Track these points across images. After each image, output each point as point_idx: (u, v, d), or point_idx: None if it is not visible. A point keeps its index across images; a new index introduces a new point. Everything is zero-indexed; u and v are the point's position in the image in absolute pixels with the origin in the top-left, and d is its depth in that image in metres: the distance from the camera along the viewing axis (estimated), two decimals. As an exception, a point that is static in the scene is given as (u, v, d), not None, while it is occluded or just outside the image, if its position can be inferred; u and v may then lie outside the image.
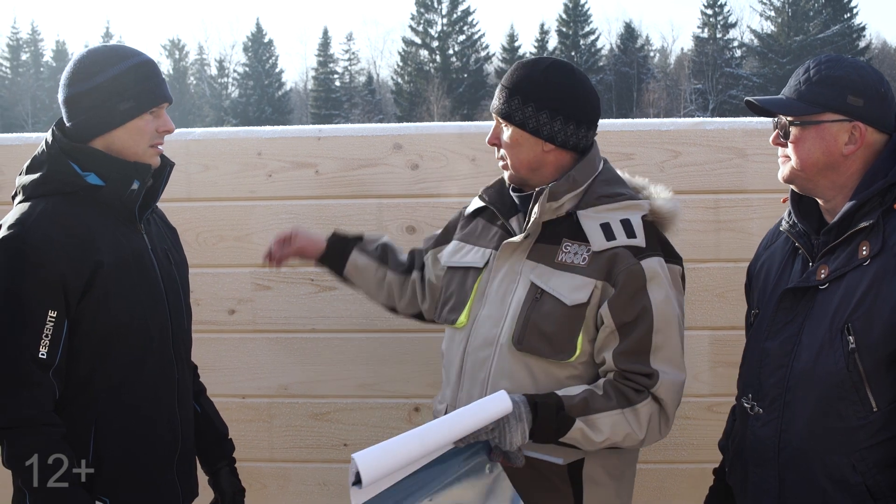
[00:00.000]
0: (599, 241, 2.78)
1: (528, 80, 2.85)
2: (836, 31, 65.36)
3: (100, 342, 2.76)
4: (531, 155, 2.86)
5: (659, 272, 2.78)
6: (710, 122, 3.81)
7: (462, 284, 3.01)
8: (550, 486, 2.82)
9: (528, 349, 2.78)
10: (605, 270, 2.76)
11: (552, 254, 2.83)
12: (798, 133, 2.56)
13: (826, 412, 2.47)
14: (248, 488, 3.95)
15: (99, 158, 2.79)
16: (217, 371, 3.94)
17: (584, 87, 2.90)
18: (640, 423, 2.73)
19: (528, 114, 2.83)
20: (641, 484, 3.80)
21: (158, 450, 2.91)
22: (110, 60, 2.80)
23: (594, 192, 2.87)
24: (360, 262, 3.33)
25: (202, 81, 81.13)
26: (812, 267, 2.56)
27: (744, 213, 3.71)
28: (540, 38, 74.18)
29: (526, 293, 2.82)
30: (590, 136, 2.91)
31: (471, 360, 2.90)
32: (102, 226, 2.79)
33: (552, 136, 2.83)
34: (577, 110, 2.85)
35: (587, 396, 2.70)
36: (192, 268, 3.83)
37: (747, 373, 2.73)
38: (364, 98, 75.46)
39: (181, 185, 3.88)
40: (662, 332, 2.74)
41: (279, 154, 3.89)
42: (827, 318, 2.48)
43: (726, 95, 65.81)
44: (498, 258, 2.92)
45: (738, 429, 2.78)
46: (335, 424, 3.95)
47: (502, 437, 2.59)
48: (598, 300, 2.76)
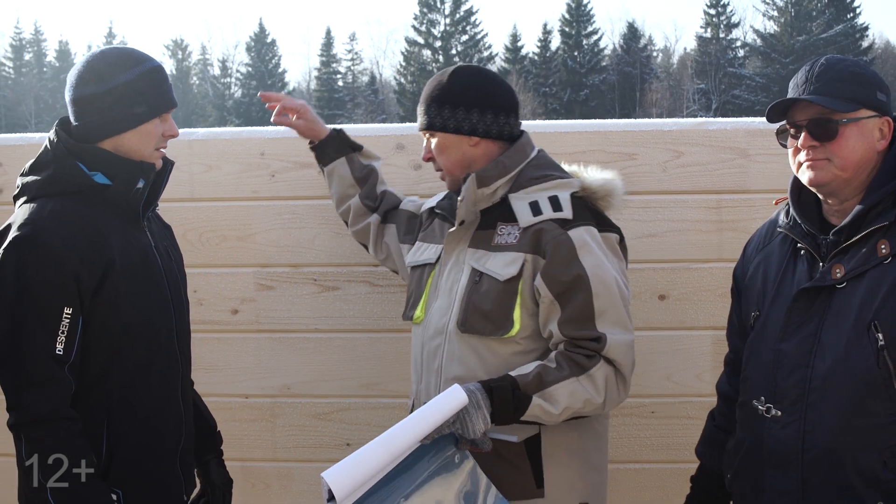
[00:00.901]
0: (527, 217, 2.90)
1: (438, 88, 3.02)
2: (839, 31, 65.33)
3: (111, 340, 2.78)
4: (459, 153, 3.02)
5: (587, 240, 2.86)
6: (712, 122, 3.82)
7: (419, 282, 3.16)
8: (509, 465, 2.89)
9: (471, 330, 2.90)
10: (534, 243, 2.87)
11: (489, 238, 2.96)
12: (843, 130, 2.53)
13: (855, 410, 2.45)
14: (251, 488, 3.97)
15: (107, 158, 2.82)
16: (220, 371, 3.95)
17: (492, 80, 3.05)
18: (596, 387, 2.79)
19: (446, 116, 2.99)
20: (643, 484, 3.82)
21: (166, 444, 2.95)
22: (125, 64, 2.84)
23: (525, 176, 2.99)
24: (342, 171, 3.51)
25: (205, 81, 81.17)
26: (824, 267, 2.55)
27: (746, 213, 3.71)
28: (543, 37, 74.10)
29: (468, 278, 2.95)
30: (511, 122, 3.03)
31: (426, 350, 3.05)
32: (111, 225, 2.81)
33: (473, 128, 2.98)
34: (490, 100, 2.99)
35: (540, 371, 2.77)
36: (195, 268, 3.84)
37: (757, 375, 2.69)
38: (367, 98, 75.47)
39: (184, 185, 3.89)
40: (602, 296, 2.81)
41: (282, 154, 3.89)
42: (850, 316, 2.47)
43: (729, 95, 65.79)
44: (445, 251, 3.07)
45: (745, 433, 2.74)
46: (338, 424, 3.95)
47: (465, 428, 2.66)
48: (530, 272, 2.86)
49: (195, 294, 3.90)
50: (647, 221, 3.75)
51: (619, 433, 3.81)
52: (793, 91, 2.63)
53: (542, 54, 73.15)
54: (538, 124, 3.83)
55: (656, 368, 3.78)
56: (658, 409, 3.81)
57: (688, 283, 3.75)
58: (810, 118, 2.56)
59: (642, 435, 3.83)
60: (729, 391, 2.98)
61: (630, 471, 3.84)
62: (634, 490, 3.84)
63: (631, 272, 3.72)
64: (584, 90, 69.99)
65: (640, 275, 3.73)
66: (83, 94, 2.82)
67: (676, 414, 3.75)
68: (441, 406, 2.62)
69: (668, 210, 3.75)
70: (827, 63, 2.59)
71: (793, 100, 2.59)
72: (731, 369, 2.99)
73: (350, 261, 3.86)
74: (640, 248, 3.71)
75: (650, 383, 3.78)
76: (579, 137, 3.77)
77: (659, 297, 3.76)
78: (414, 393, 3.13)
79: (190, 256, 3.88)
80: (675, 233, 3.75)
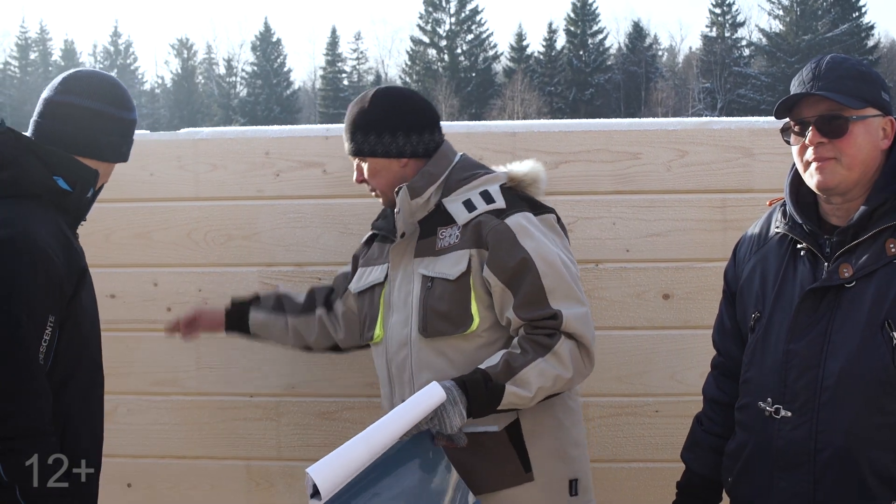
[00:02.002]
0: (463, 215, 3.00)
1: (360, 115, 3.11)
2: (845, 30, 65.29)
3: (76, 348, 2.72)
4: (391, 175, 3.12)
5: (525, 224, 2.96)
6: (716, 121, 3.81)
7: (371, 303, 3.21)
8: (495, 455, 2.96)
9: (434, 333, 2.98)
10: (475, 237, 2.96)
11: (432, 244, 3.05)
12: (852, 127, 2.51)
13: (869, 409, 2.44)
14: (256, 486, 3.98)
15: (65, 161, 2.75)
16: (224, 370, 3.96)
17: (410, 101, 3.16)
18: (563, 363, 2.86)
19: (372, 142, 3.09)
20: (647, 483, 3.82)
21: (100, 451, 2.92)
22: (131, 104, 2.91)
23: (453, 179, 3.09)
24: (260, 318, 3.54)
25: (210, 81, 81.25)
26: (830, 266, 2.53)
27: (751, 212, 3.70)
28: (548, 37, 74.11)
29: (420, 286, 3.02)
30: (435, 137, 3.15)
31: (394, 365, 3.11)
32: (71, 231, 2.78)
33: (401, 151, 3.09)
34: (411, 121, 3.09)
35: (507, 359, 2.85)
36: (200, 267, 3.86)
37: (762, 377, 2.65)
38: (372, 97, 75.35)
39: (189, 185, 3.90)
40: (549, 274, 2.90)
41: (287, 153, 3.90)
42: (861, 315, 2.46)
43: (735, 94, 65.80)
44: (391, 267, 3.14)
45: (748, 436, 2.70)
46: (342, 423, 3.95)
47: (442, 424, 2.73)
48: (477, 265, 2.95)
49: (200, 293, 3.91)
50: (651, 221, 3.75)
51: (623, 432, 3.82)
52: (798, 88, 2.59)
53: (548, 53, 73.17)
54: (541, 124, 3.83)
55: (661, 368, 3.79)
56: (662, 408, 3.81)
57: (692, 282, 3.75)
58: (819, 114, 2.53)
59: (647, 434, 3.83)
60: (718, 395, 2.93)
61: (634, 470, 3.84)
62: (639, 489, 3.84)
63: (636, 271, 3.74)
64: (589, 89, 70.02)
65: (644, 274, 3.73)
66: (96, 109, 2.79)
67: (681, 413, 3.74)
68: (419, 403, 2.71)
69: (672, 209, 3.75)
70: (833, 60, 2.58)
71: (801, 95, 2.56)
72: (719, 372, 2.95)
73: (355, 260, 3.86)
74: (644, 248, 3.72)
75: (655, 382, 3.78)
76: (583, 137, 3.78)
77: (663, 297, 3.76)
78: (387, 409, 3.10)
79: (195, 255, 3.91)
80: (679, 232, 3.75)
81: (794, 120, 2.60)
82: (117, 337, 3.90)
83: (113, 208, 3.89)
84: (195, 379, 3.97)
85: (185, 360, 3.97)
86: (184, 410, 3.99)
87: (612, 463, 3.79)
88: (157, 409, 3.99)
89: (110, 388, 3.24)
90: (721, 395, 2.92)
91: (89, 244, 3.22)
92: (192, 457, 4.01)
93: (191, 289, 3.93)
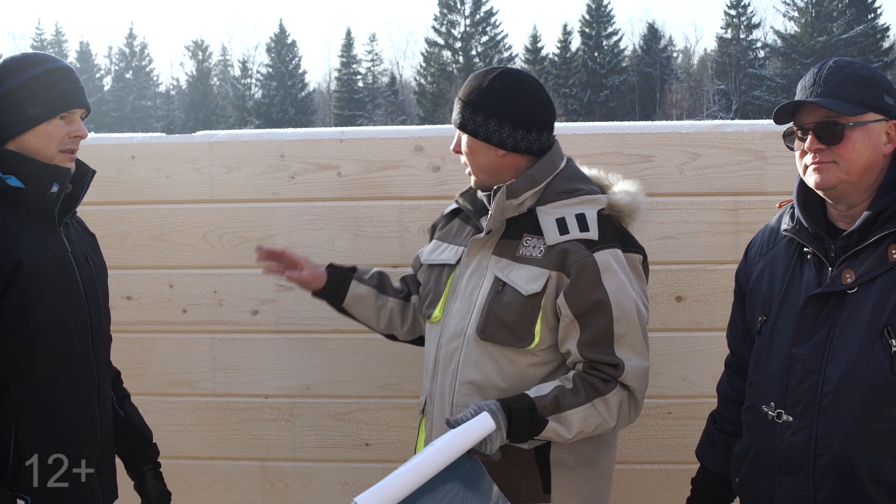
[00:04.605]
0: (553, 235, 2.92)
1: (477, 91, 3.00)
2: (860, 31, 64.91)
3: (21, 343, 2.72)
4: (486, 160, 3.01)
5: (612, 263, 2.88)
6: (729, 124, 3.82)
7: (438, 281, 3.16)
8: (519, 469, 2.94)
9: (491, 338, 2.93)
10: (559, 262, 2.88)
11: (514, 248, 2.97)
12: (849, 134, 2.52)
13: (868, 415, 2.45)
14: (271, 487, 4.00)
15: (18, 160, 2.77)
16: (240, 371, 3.98)
17: (530, 94, 3.02)
18: (610, 411, 2.85)
19: (478, 123, 2.98)
20: (660, 484, 3.83)
21: (80, 449, 2.89)
22: (21, 66, 2.82)
23: (553, 189, 3.00)
24: (360, 290, 3.40)
25: (225, 82, 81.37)
26: (834, 271, 2.54)
27: (763, 215, 3.70)
28: (563, 38, 73.91)
29: (490, 286, 2.96)
30: (543, 138, 3.03)
31: (443, 351, 3.06)
32: (24, 228, 2.76)
33: (502, 142, 2.97)
34: (523, 116, 2.98)
35: (557, 394, 2.82)
36: (215, 269, 3.88)
37: (766, 380, 2.69)
38: (387, 99, 75.50)
39: (204, 187, 3.93)
40: (622, 321, 2.86)
41: (302, 156, 3.92)
42: (862, 321, 2.47)
43: (749, 96, 65.49)
44: (467, 255, 3.07)
45: (753, 437, 2.73)
46: (357, 424, 3.98)
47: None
48: (553, 289, 2.89)
49: (215, 294, 3.93)
50: (664, 223, 3.76)
51: (636, 434, 3.82)
52: (800, 93, 2.62)
53: (562, 55, 72.95)
54: (556, 126, 3.84)
55: (673, 369, 3.80)
56: (675, 409, 3.82)
57: (704, 284, 3.76)
58: (817, 121, 2.55)
59: (659, 436, 3.84)
60: (730, 393, 2.98)
61: (647, 471, 3.86)
62: (652, 490, 3.85)
63: (648, 274, 3.75)
64: (604, 91, 69.80)
65: (657, 276, 3.73)
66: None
67: (693, 415, 3.75)
68: (471, 432, 2.68)
69: (684, 212, 3.76)
70: (835, 65, 2.59)
71: (800, 102, 2.59)
72: (733, 371, 2.99)
73: (369, 262, 3.87)
74: (657, 250, 3.72)
75: (667, 384, 3.79)
76: (597, 139, 3.79)
77: (676, 299, 3.77)
78: (426, 391, 3.14)
79: (210, 257, 3.93)
80: (691, 234, 3.76)
81: (796, 125, 2.63)
82: (133, 338, 3.93)
83: (129, 210, 3.92)
84: (210, 380, 4.00)
85: (200, 362, 4.00)
86: (199, 411, 4.02)
87: (625, 464, 3.79)
88: (172, 410, 4.02)
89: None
90: (734, 394, 2.95)
91: (105, 246, 3.26)
92: (208, 457, 4.04)
93: (206, 290, 3.96)
